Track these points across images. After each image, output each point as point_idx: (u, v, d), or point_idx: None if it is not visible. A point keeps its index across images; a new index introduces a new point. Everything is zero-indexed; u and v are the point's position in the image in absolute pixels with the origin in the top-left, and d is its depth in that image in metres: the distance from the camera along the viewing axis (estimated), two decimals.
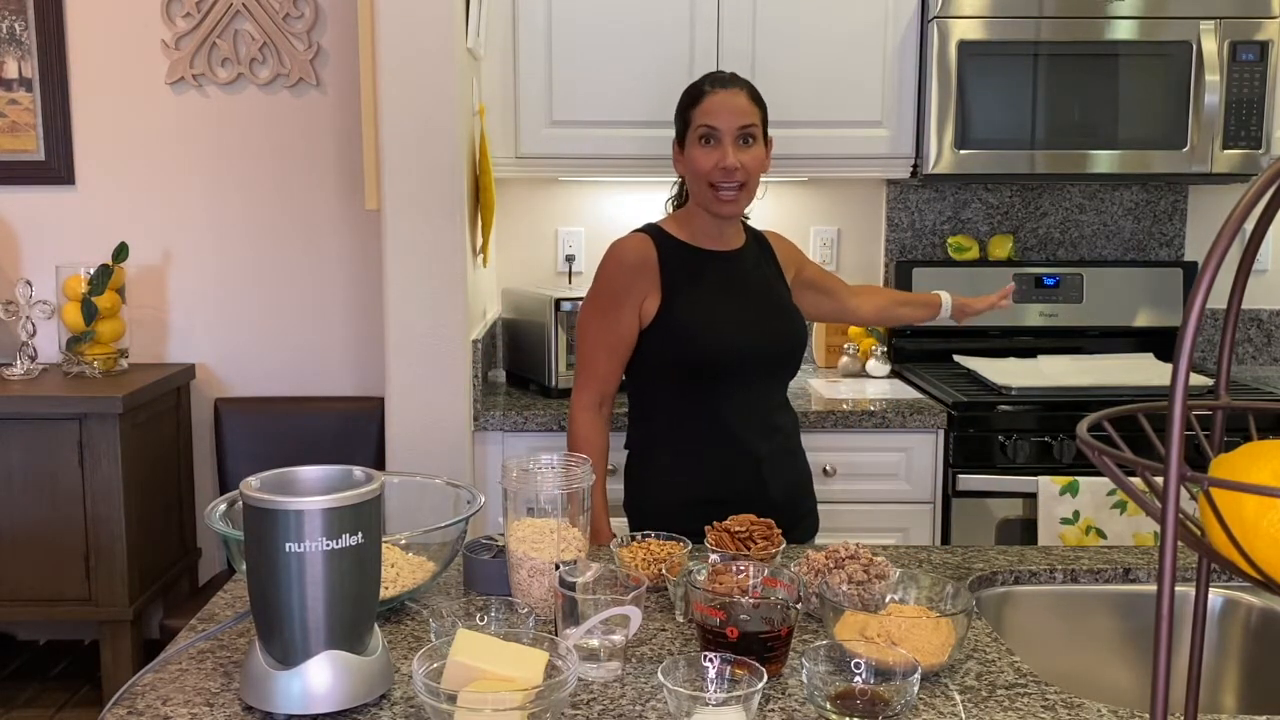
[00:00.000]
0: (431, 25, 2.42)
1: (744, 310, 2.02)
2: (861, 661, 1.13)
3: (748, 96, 2.00)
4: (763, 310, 2.05)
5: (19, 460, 2.80)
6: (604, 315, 2.01)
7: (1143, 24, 2.81)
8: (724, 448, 1.99)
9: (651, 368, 2.02)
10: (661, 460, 2.04)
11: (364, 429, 3.14)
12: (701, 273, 2.01)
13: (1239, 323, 2.06)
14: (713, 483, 1.98)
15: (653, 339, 1.99)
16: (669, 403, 2.02)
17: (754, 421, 2.01)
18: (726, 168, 1.94)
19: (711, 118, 1.96)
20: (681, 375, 1.99)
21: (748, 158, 1.96)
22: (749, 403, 2.01)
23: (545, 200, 3.24)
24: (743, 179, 1.96)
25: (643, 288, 1.98)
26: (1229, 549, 0.64)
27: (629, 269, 1.99)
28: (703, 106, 1.98)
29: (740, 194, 1.97)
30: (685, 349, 1.97)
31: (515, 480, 1.40)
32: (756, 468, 2.01)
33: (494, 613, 1.29)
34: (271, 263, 3.24)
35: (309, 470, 1.20)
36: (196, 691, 1.20)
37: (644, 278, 1.98)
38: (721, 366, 1.97)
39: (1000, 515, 2.67)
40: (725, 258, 2.05)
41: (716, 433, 1.99)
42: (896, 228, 3.27)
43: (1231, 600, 1.58)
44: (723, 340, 1.97)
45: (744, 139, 1.97)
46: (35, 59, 3.14)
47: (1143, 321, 3.21)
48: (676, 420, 2.01)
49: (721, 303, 2.00)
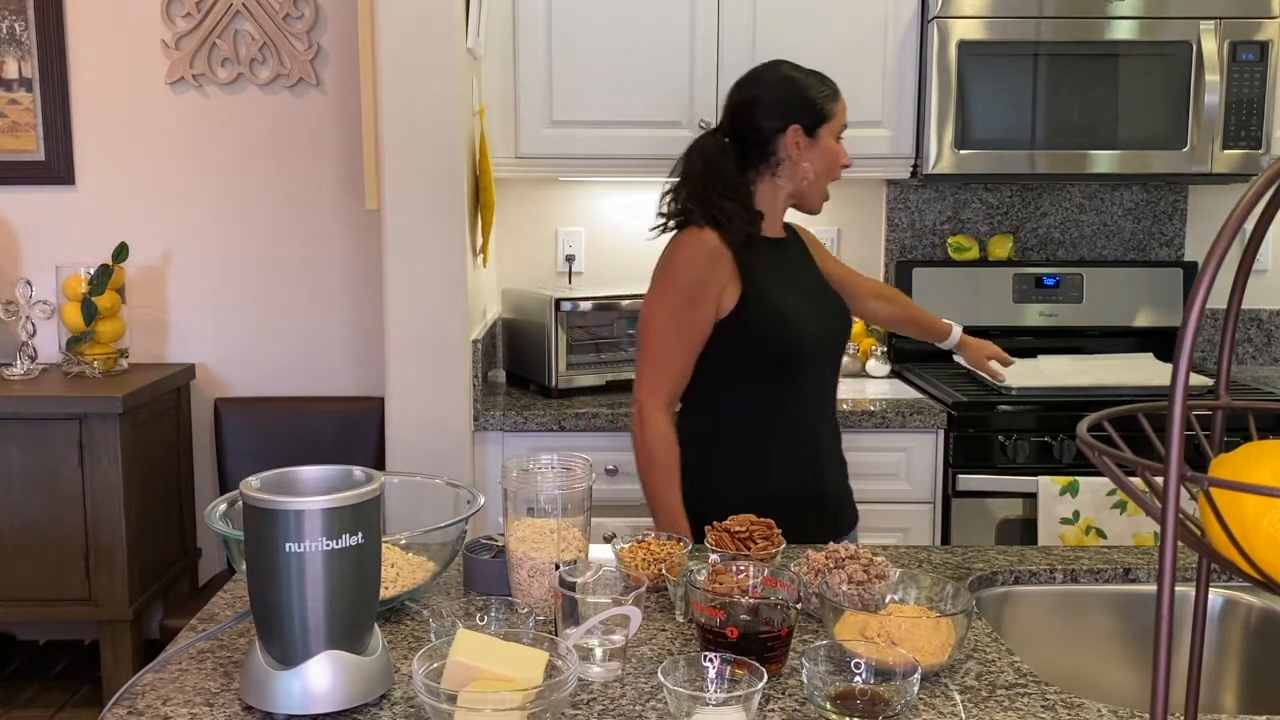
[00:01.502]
0: (431, 25, 2.42)
1: (809, 298, 2.03)
2: (861, 661, 1.13)
3: None
4: (821, 296, 2.07)
5: (19, 460, 2.80)
6: (683, 311, 1.92)
7: (1143, 24, 2.81)
8: (790, 441, 1.99)
9: (725, 360, 1.95)
10: (723, 454, 1.97)
11: (364, 429, 3.14)
12: (769, 261, 1.99)
13: (1239, 323, 2.06)
14: (776, 477, 1.96)
15: (731, 331, 1.93)
16: (737, 394, 1.97)
17: (817, 413, 2.04)
18: (847, 164, 2.04)
19: (845, 116, 2.03)
20: (759, 366, 1.95)
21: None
22: (814, 394, 2.03)
23: (545, 200, 3.24)
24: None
25: (721, 279, 1.92)
26: (1229, 549, 0.64)
27: (707, 261, 1.92)
28: (841, 104, 2.02)
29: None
30: (768, 339, 1.94)
31: (515, 480, 1.40)
32: (818, 462, 2.02)
33: (494, 613, 1.29)
34: (272, 263, 3.24)
35: (309, 470, 1.20)
36: (196, 691, 1.20)
37: (722, 269, 1.92)
38: (800, 356, 1.97)
39: (1000, 515, 2.67)
40: (777, 245, 2.05)
41: (785, 426, 1.98)
42: (896, 228, 3.27)
43: (1231, 600, 1.58)
44: (803, 329, 1.97)
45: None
46: (35, 59, 3.14)
47: (1143, 321, 3.21)
48: (743, 412, 1.97)
49: (791, 291, 2.00)
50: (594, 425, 2.65)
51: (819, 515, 1.98)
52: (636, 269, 3.25)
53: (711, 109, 2.86)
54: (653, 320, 1.96)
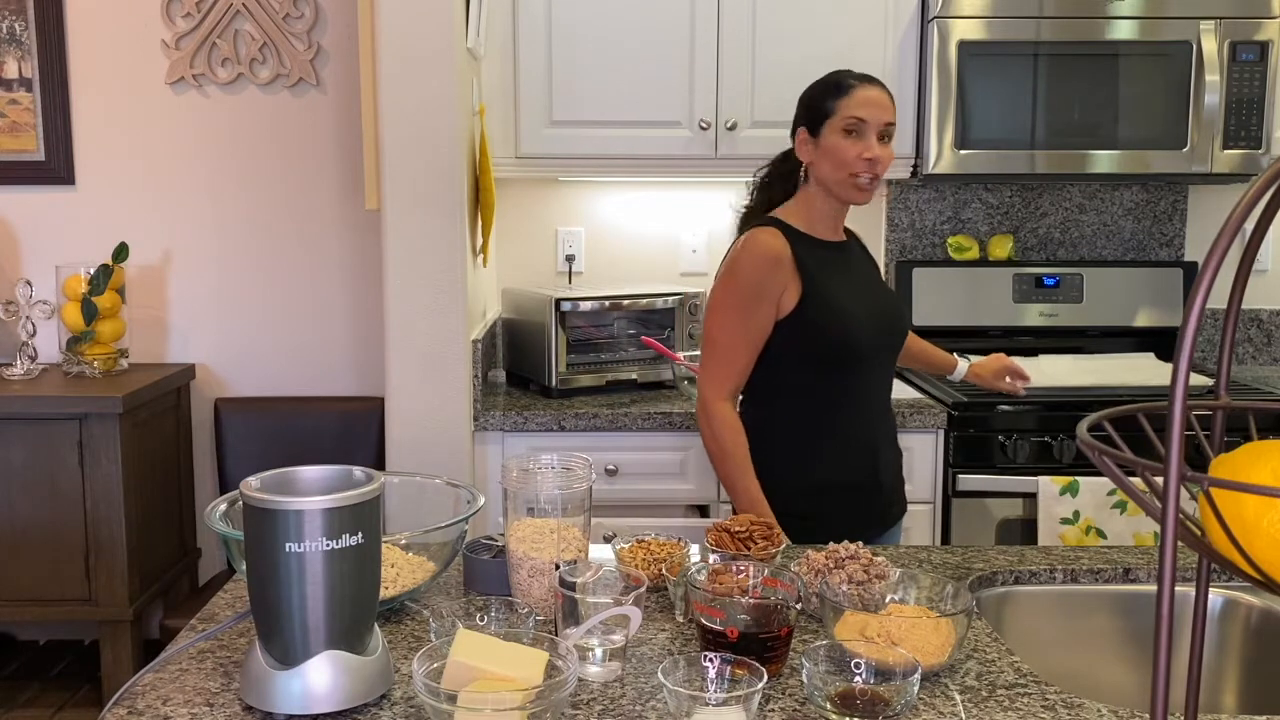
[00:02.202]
0: (431, 25, 2.42)
1: (866, 298, 2.07)
2: (861, 661, 1.13)
3: (889, 98, 2.04)
4: (880, 298, 2.12)
5: (19, 460, 2.80)
6: (745, 310, 2.00)
7: (1143, 24, 2.81)
8: (847, 434, 2.05)
9: (785, 357, 2.03)
10: (782, 446, 2.04)
11: (364, 429, 3.14)
12: (827, 263, 2.05)
13: (1239, 323, 2.06)
14: (832, 469, 2.03)
15: (791, 330, 2.01)
16: (797, 389, 2.04)
17: (874, 408, 2.09)
18: (871, 159, 1.99)
19: (861, 110, 1.99)
20: (817, 364, 2.02)
21: (887, 154, 2.02)
22: (870, 390, 2.08)
23: (545, 200, 3.24)
24: (880, 171, 2.01)
25: (781, 281, 1.99)
26: (1229, 549, 0.64)
27: (770, 264, 2.00)
28: (852, 98, 2.00)
29: (873, 184, 2.02)
30: (826, 338, 2.00)
31: (515, 480, 1.40)
32: (874, 455, 2.08)
33: (494, 613, 1.29)
34: (272, 263, 3.24)
35: (309, 470, 1.20)
36: (196, 691, 1.20)
37: (783, 271, 1.99)
38: (857, 354, 2.02)
39: (1000, 515, 2.67)
40: (839, 248, 2.10)
41: (842, 420, 2.04)
42: (896, 228, 3.27)
43: (1231, 600, 1.58)
44: (860, 328, 2.02)
45: (885, 137, 2.02)
46: (35, 59, 3.14)
47: (1143, 321, 3.21)
48: (802, 406, 2.04)
49: (849, 292, 2.05)
50: (594, 425, 2.65)
51: (872, 506, 2.08)
52: (636, 269, 3.25)
53: (711, 109, 2.86)
54: (716, 317, 2.04)
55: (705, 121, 2.86)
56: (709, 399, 2.02)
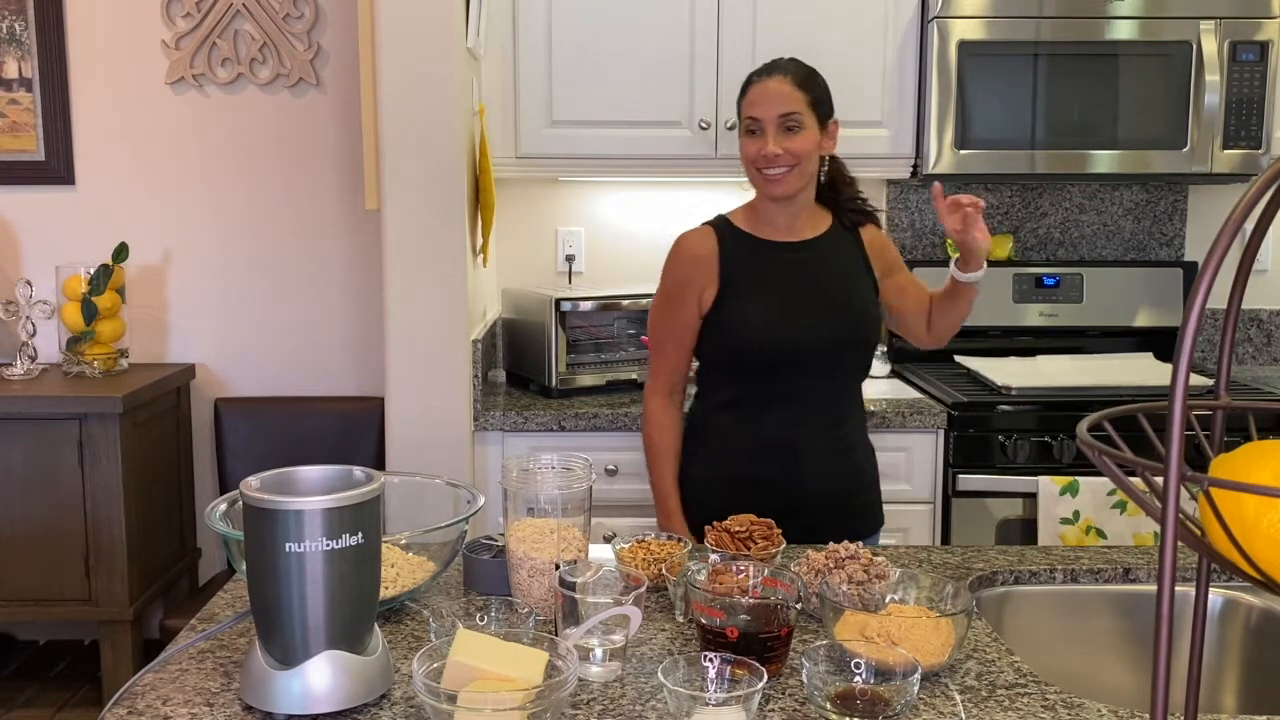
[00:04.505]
0: (431, 25, 2.42)
1: (803, 303, 2.02)
2: (861, 661, 1.13)
3: (792, 83, 1.98)
4: (825, 304, 2.04)
5: (19, 460, 2.80)
6: (668, 306, 2.07)
7: (1143, 24, 2.81)
8: (767, 437, 2.02)
9: (706, 355, 2.08)
10: (706, 439, 2.08)
11: (364, 429, 3.13)
12: (762, 264, 2.03)
13: (1239, 323, 2.06)
14: (746, 468, 2.02)
15: (709, 329, 2.04)
16: (717, 387, 2.08)
17: (804, 412, 2.03)
18: (766, 156, 1.97)
19: (752, 109, 1.99)
20: (728, 364, 2.05)
21: (793, 143, 1.96)
22: (800, 394, 2.02)
23: (545, 200, 3.24)
24: (788, 162, 1.97)
25: (701, 280, 2.02)
26: (1229, 549, 0.64)
27: (689, 262, 2.05)
28: (747, 98, 2.01)
29: (789, 174, 1.98)
30: (734, 339, 2.02)
31: (515, 480, 1.40)
32: (795, 460, 2.02)
33: (494, 613, 1.29)
34: (272, 263, 3.24)
35: (309, 470, 1.20)
36: (196, 691, 1.20)
37: (703, 270, 2.02)
38: (766, 359, 2.00)
39: (1000, 515, 2.67)
40: (791, 248, 2.06)
41: (765, 422, 2.02)
42: (896, 228, 3.27)
43: (1231, 600, 1.58)
44: (770, 334, 1.99)
45: (788, 128, 1.97)
46: (35, 59, 3.14)
47: (1143, 321, 3.21)
48: (724, 404, 2.06)
49: (778, 295, 2.02)
50: (594, 425, 2.65)
51: (798, 513, 1.86)
52: (636, 269, 3.25)
53: (711, 109, 2.86)
54: (650, 314, 2.15)
55: (705, 121, 2.85)
56: (646, 394, 2.13)
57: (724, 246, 2.04)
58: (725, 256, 2.03)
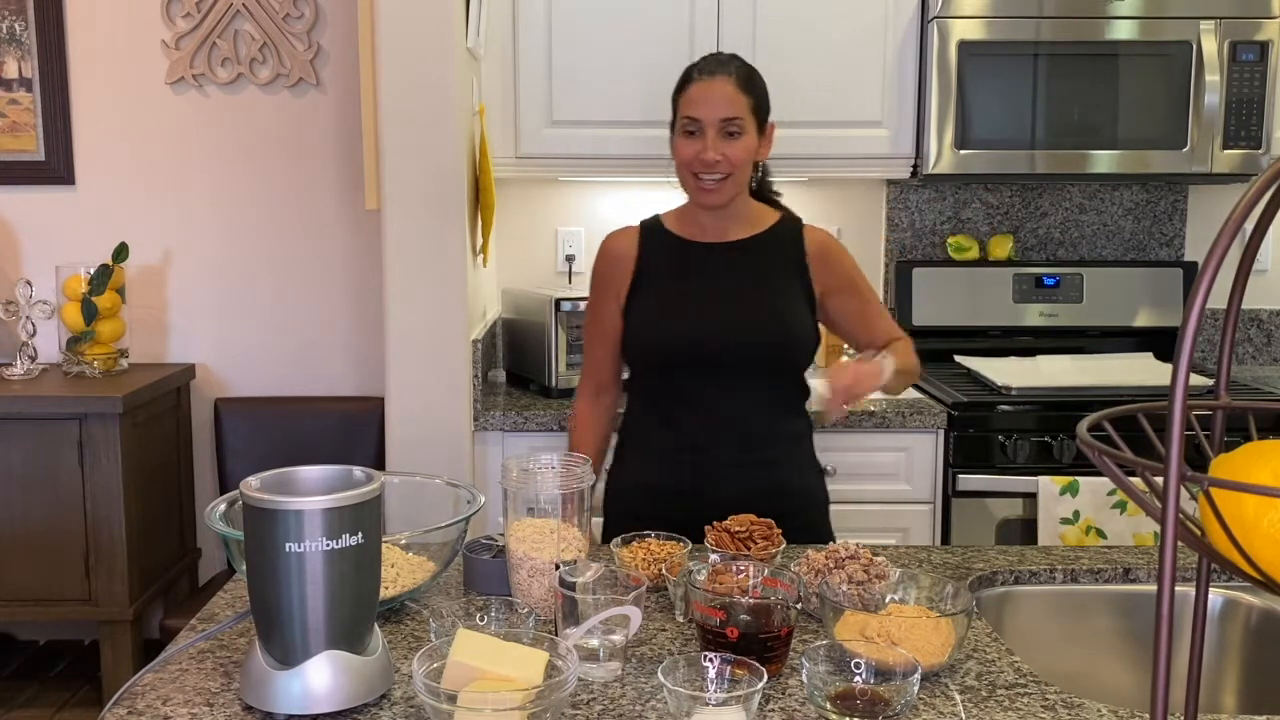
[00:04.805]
0: (431, 25, 2.42)
1: (711, 305, 1.94)
2: (861, 661, 1.13)
3: (736, 85, 1.89)
4: (737, 307, 1.94)
5: (19, 460, 2.80)
6: (592, 305, 2.07)
7: (1143, 24, 2.81)
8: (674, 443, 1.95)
9: (625, 355, 2.06)
10: (625, 443, 2.08)
11: (364, 429, 3.13)
12: (681, 265, 1.99)
13: (1239, 323, 2.06)
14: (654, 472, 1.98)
15: (624, 329, 2.02)
16: (636, 390, 2.07)
17: (709, 420, 1.93)
18: (705, 160, 1.88)
19: (693, 109, 1.89)
20: (638, 366, 2.03)
21: (733, 149, 1.88)
22: (706, 402, 1.93)
23: (545, 200, 3.24)
24: (726, 170, 1.89)
25: (618, 279, 2.01)
26: (1229, 549, 0.64)
27: (607, 261, 2.05)
28: (687, 95, 1.91)
29: (724, 184, 1.90)
30: (635, 341, 1.99)
31: (515, 480, 1.40)
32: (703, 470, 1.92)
33: (494, 613, 1.29)
34: (272, 263, 3.24)
35: (309, 470, 1.20)
36: (196, 691, 1.20)
37: (620, 270, 2.01)
38: (663, 361, 1.96)
39: (1000, 515, 2.67)
40: (713, 249, 1.99)
41: (674, 424, 1.96)
42: (896, 228, 3.27)
43: (1231, 600, 1.58)
44: (666, 335, 1.95)
45: (728, 133, 1.88)
46: (35, 59, 3.14)
47: (1143, 321, 3.21)
48: (642, 408, 2.04)
49: (685, 296, 1.96)
50: None
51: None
52: None
53: None
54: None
55: None
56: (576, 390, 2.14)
57: (645, 245, 2.01)
58: (644, 255, 2.00)
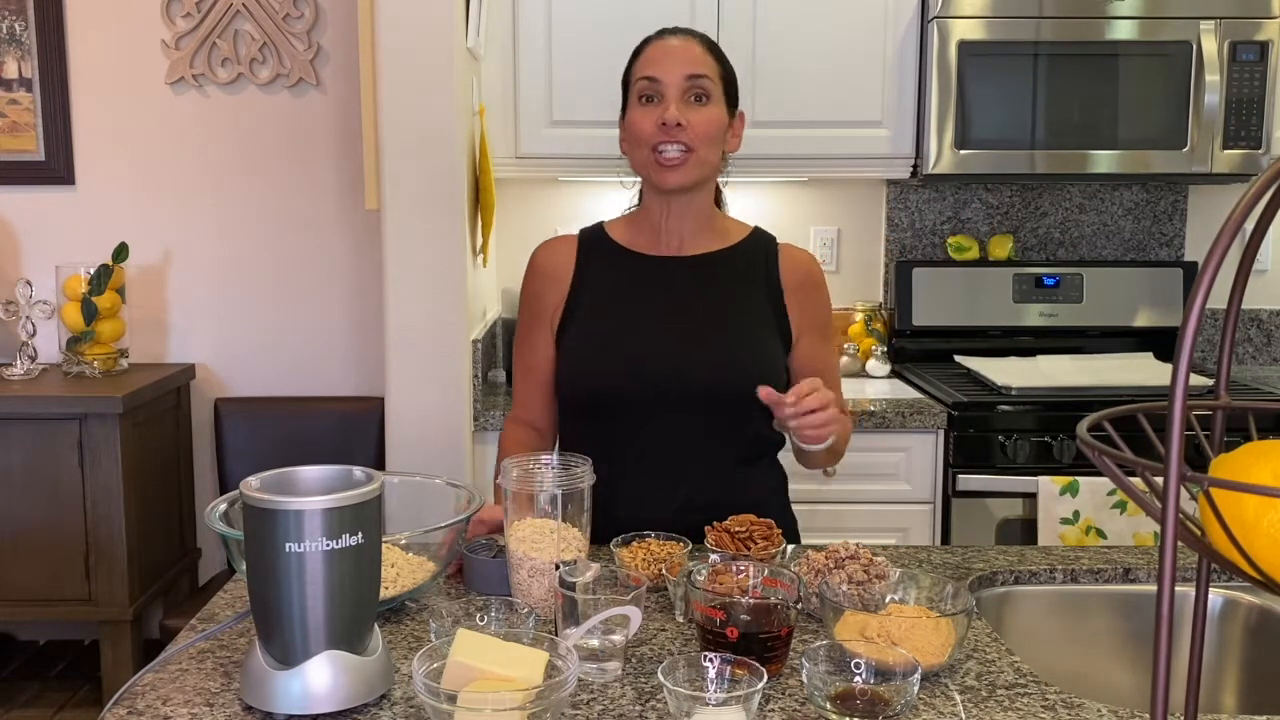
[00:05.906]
0: (431, 25, 2.42)
1: (666, 337, 1.66)
2: (861, 661, 1.13)
3: (702, 46, 1.67)
4: (696, 338, 1.66)
5: (19, 460, 2.80)
6: (520, 333, 1.77)
7: (1143, 24, 2.81)
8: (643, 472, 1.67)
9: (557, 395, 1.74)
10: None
11: (364, 429, 3.13)
12: (626, 282, 1.70)
13: (1239, 323, 2.06)
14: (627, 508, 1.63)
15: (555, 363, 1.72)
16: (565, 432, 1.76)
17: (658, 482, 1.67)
18: (666, 123, 1.59)
19: (652, 67, 1.64)
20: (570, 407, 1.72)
21: (698, 117, 1.61)
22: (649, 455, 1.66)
23: (545, 200, 3.24)
24: (690, 141, 1.60)
25: (552, 299, 1.72)
26: (1229, 549, 0.64)
27: (538, 278, 1.75)
28: (643, 58, 1.66)
29: (688, 158, 1.60)
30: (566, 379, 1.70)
31: (515, 480, 1.40)
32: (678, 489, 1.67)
33: (494, 613, 1.29)
34: (272, 263, 3.24)
35: (309, 470, 1.20)
36: (196, 691, 1.20)
37: (554, 288, 1.72)
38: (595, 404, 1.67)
39: (1000, 515, 2.67)
40: (664, 264, 1.70)
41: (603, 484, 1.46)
42: (896, 228, 3.27)
43: (1231, 600, 1.58)
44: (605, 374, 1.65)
45: (694, 95, 1.62)
46: (35, 59, 3.14)
47: (1143, 321, 3.21)
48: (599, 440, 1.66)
49: (635, 325, 1.67)
50: None
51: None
52: None
53: None
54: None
55: None
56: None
57: (583, 258, 1.72)
58: (581, 269, 1.70)
